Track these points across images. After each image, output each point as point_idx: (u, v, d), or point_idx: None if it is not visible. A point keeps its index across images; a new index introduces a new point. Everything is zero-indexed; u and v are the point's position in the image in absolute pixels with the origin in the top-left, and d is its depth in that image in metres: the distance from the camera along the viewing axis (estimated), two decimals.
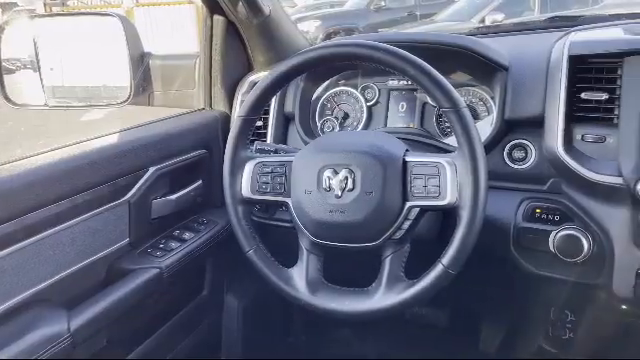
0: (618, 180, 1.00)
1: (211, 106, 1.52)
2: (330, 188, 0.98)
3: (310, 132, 1.38)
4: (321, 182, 0.99)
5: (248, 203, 1.09)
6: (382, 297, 0.97)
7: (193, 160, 1.36)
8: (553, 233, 1.07)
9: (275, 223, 1.31)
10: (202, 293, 1.45)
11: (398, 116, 1.37)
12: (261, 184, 1.06)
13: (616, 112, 1.03)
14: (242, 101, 1.45)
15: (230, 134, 1.08)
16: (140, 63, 1.58)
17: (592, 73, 1.05)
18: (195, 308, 1.42)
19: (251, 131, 1.09)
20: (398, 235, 0.97)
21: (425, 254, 0.96)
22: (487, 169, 0.91)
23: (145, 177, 1.21)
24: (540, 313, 1.28)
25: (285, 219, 1.25)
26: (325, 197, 0.99)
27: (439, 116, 1.30)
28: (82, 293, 1.08)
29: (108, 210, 1.13)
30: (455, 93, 0.92)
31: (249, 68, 1.53)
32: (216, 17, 1.43)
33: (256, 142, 1.20)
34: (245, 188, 1.07)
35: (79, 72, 1.62)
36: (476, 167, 0.91)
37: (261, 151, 1.17)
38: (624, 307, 1.08)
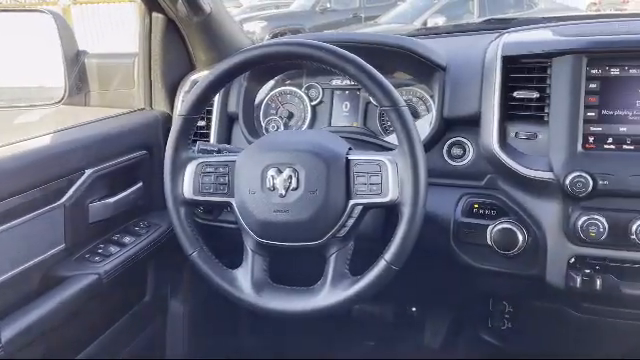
0: (549, 175, 1.05)
1: (151, 106, 1.48)
2: (274, 187, 0.98)
3: (254, 132, 1.37)
4: (265, 182, 0.99)
5: (190, 204, 1.07)
6: (327, 295, 0.98)
7: (133, 162, 1.33)
8: (490, 227, 1.11)
9: (220, 225, 1.29)
10: (145, 298, 1.41)
11: (342, 115, 1.39)
12: (204, 185, 1.05)
13: (546, 110, 1.08)
14: (184, 101, 1.43)
15: (170, 134, 1.05)
16: (75, 62, 1.52)
17: (524, 73, 1.10)
18: (138, 314, 1.38)
19: (193, 131, 1.07)
20: (342, 233, 0.98)
21: (370, 251, 0.97)
22: (427, 166, 0.94)
23: (81, 180, 1.16)
24: (480, 305, 1.32)
25: (230, 220, 1.24)
26: (269, 197, 0.98)
27: (381, 115, 1.32)
28: (15, 302, 1.02)
29: (42, 215, 1.08)
30: (394, 92, 0.94)
31: (191, 67, 1.50)
32: (155, 15, 1.39)
33: (198, 142, 1.18)
34: (187, 189, 1.05)
35: (9, 72, 1.55)
36: (416, 164, 0.93)
37: (204, 151, 1.15)
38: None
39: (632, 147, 1.02)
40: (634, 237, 0.98)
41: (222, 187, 1.04)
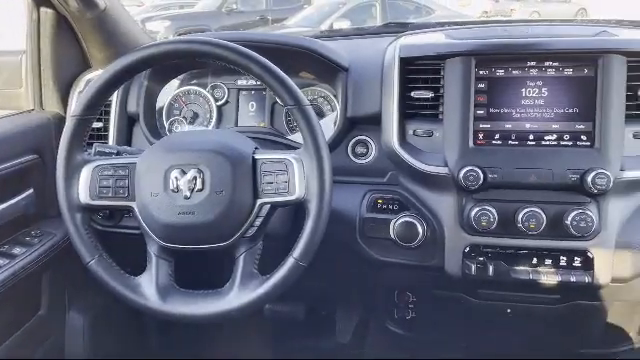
0: (444, 170, 1.11)
1: (42, 107, 1.38)
2: (178, 189, 0.96)
3: (157, 133, 1.33)
4: (168, 183, 0.96)
5: (88, 210, 1.01)
6: (236, 296, 0.97)
7: (22, 167, 1.23)
8: (393, 221, 1.15)
9: (121, 231, 1.24)
10: (39, 312, 1.31)
11: (248, 115, 1.38)
12: (101, 189, 1.00)
13: (441, 109, 1.14)
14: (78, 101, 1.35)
15: (63, 136, 0.99)
16: None
17: (420, 74, 1.16)
18: (32, 329, 1.28)
19: (88, 132, 1.02)
20: (250, 233, 0.98)
21: (280, 250, 0.97)
22: (331, 164, 0.96)
23: None
24: (386, 297, 1.37)
25: (132, 226, 1.18)
26: (173, 199, 0.96)
27: (287, 114, 1.33)
28: None
29: None
30: (298, 91, 0.96)
31: (85, 66, 1.42)
32: (44, 10, 1.30)
33: (95, 144, 1.12)
34: (83, 194, 1.00)
35: None
36: (321, 162, 0.94)
37: (101, 154, 1.09)
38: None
39: (516, 142, 1.11)
40: (520, 225, 1.07)
41: (122, 191, 0.99)
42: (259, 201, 0.97)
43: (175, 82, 1.42)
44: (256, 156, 0.98)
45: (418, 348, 1.47)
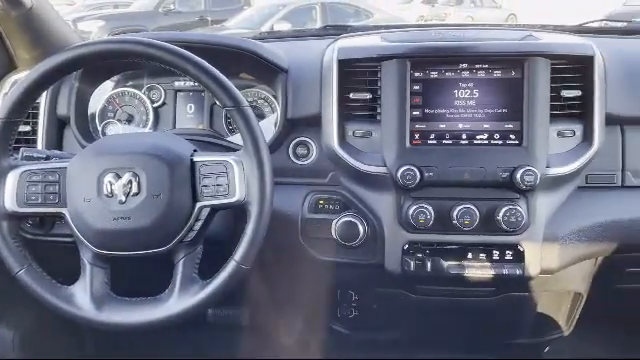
0: (383, 169, 1.14)
1: None
2: (112, 194, 0.93)
3: (89, 136, 1.28)
4: (102, 188, 0.93)
5: (15, 218, 0.97)
6: (176, 302, 0.95)
7: None
8: (334, 221, 1.17)
9: (53, 239, 1.18)
10: None
11: (187, 117, 1.36)
12: (30, 195, 0.95)
13: (378, 110, 1.17)
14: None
15: None
16: None
17: (358, 75, 1.18)
18: None
19: (14, 136, 0.97)
20: (190, 237, 0.96)
21: (222, 253, 0.96)
22: (272, 165, 0.96)
23: None
24: (329, 296, 1.38)
25: (64, 233, 1.13)
26: (107, 204, 0.93)
27: (227, 116, 1.32)
28: None
29: None
30: (236, 92, 0.95)
31: (11, 67, 1.34)
32: None
33: (22, 149, 1.07)
34: (9, 201, 0.95)
35: None
36: (261, 163, 0.94)
37: (29, 158, 1.04)
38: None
39: (450, 142, 1.15)
40: (455, 222, 1.11)
41: (52, 197, 0.96)
42: (198, 204, 0.96)
43: (109, 83, 1.37)
44: (194, 158, 0.97)
45: (362, 346, 1.49)
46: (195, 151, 0.99)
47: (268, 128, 1.24)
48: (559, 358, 1.51)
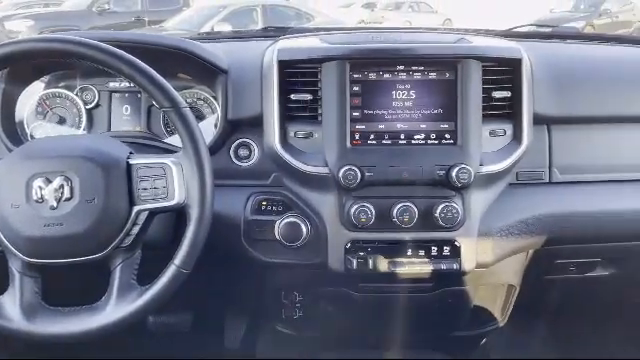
0: (325, 170, 1.15)
1: None
2: (43, 199, 0.89)
3: (17, 139, 1.22)
4: (31, 193, 0.89)
5: None
6: (113, 309, 0.92)
7: None
8: (277, 222, 1.17)
9: None
10: None
11: (123, 119, 1.32)
12: None
13: (319, 111, 1.18)
14: None
15: None
16: None
17: (298, 77, 1.18)
18: None
19: None
20: (127, 242, 0.94)
21: (163, 259, 0.94)
22: (212, 166, 0.95)
23: None
24: (273, 298, 1.38)
25: None
26: (37, 210, 0.89)
27: (165, 117, 1.29)
28: None
29: None
30: (174, 92, 0.93)
31: None
32: None
33: None
34: None
35: None
36: (201, 165, 0.93)
37: None
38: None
39: (390, 142, 1.17)
40: (395, 220, 1.13)
41: None
42: (136, 208, 0.93)
43: (39, 84, 1.31)
44: (131, 161, 0.94)
45: (307, 347, 1.50)
46: (131, 153, 0.97)
47: (208, 129, 1.23)
48: (496, 348, 1.58)
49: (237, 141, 1.24)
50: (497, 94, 1.18)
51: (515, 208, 1.21)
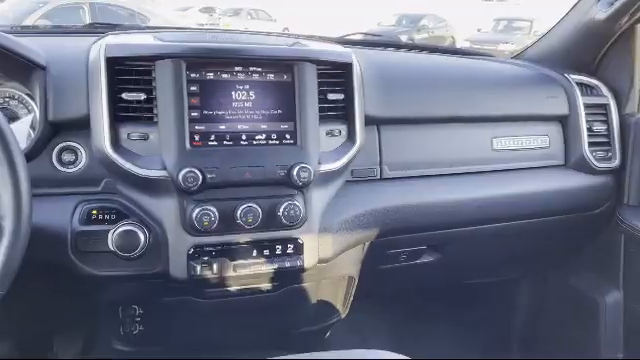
0: (163, 173, 1.09)
1: None
2: None
3: None
4: None
5: None
6: None
7: None
8: (111, 232, 1.08)
9: None
10: None
11: None
12: None
13: (155, 111, 1.12)
14: None
15: None
16: None
17: (130, 75, 1.11)
18: None
19: None
20: None
21: None
22: (30, 174, 0.85)
23: None
24: (109, 315, 1.28)
25: None
26: None
27: None
28: None
29: None
30: None
31: None
32: None
33: None
34: None
35: None
36: (15, 172, 0.83)
37: None
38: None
39: (231, 143, 1.16)
40: (239, 221, 1.12)
41: None
42: None
43: None
44: None
45: None
46: None
47: (24, 132, 1.10)
48: (340, 340, 1.65)
49: (60, 144, 1.13)
50: (332, 96, 1.24)
51: (351, 203, 1.28)
